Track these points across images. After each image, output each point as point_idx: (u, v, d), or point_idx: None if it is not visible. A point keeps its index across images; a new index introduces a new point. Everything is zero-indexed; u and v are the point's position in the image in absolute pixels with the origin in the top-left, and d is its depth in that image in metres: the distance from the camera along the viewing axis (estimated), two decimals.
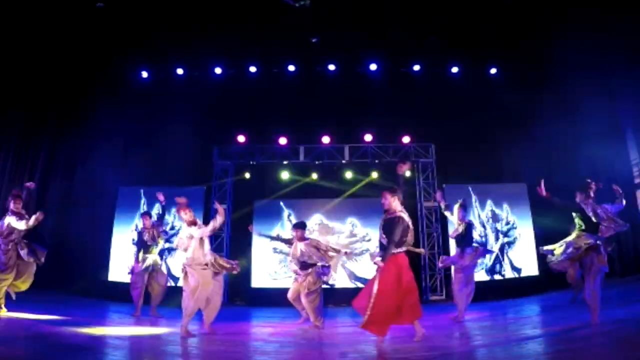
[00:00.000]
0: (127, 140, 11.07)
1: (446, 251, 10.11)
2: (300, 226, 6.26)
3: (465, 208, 6.56)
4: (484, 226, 10.25)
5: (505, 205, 10.31)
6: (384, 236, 4.33)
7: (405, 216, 4.35)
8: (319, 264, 5.93)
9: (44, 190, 10.52)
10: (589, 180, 5.09)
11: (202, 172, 10.77)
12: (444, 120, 10.85)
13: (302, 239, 6.12)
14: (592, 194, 5.01)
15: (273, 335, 5.52)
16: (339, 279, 10.33)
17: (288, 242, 6.62)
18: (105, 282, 9.84)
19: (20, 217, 5.69)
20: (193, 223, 5.14)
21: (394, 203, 4.36)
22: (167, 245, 10.30)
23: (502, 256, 9.97)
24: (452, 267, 7.32)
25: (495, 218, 10.24)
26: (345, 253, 6.90)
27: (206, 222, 10.04)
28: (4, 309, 5.60)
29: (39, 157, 10.67)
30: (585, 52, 9.51)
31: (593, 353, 3.53)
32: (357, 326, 4.27)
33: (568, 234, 5.19)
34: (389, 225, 4.28)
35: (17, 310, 5.66)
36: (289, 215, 10.62)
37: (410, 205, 10.59)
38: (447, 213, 6.69)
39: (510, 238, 10.00)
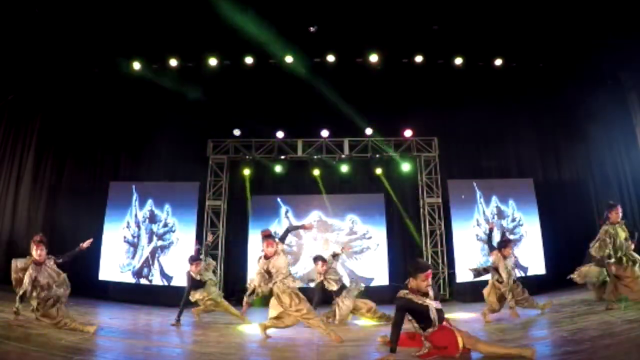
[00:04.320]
0: (118, 134, 10.74)
1: (449, 250, 9.82)
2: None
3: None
4: (488, 223, 9.89)
5: (511, 202, 9.97)
6: None
7: None
8: None
9: (33, 185, 10.24)
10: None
11: (196, 167, 10.43)
12: (447, 114, 10.63)
13: None
14: None
15: (270, 337, 5.27)
16: None
17: None
18: (95, 281, 9.48)
19: None
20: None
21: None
22: (159, 243, 10.00)
23: None
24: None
25: (500, 214, 9.91)
26: None
27: (200, 221, 9.92)
28: None
29: (29, 151, 10.41)
30: (592, 44, 9.21)
31: (602, 355, 3.39)
32: None
33: None
34: None
35: (5, 310, 5.54)
36: (286, 212, 10.30)
37: (412, 201, 10.55)
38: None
39: (516, 236, 9.64)
